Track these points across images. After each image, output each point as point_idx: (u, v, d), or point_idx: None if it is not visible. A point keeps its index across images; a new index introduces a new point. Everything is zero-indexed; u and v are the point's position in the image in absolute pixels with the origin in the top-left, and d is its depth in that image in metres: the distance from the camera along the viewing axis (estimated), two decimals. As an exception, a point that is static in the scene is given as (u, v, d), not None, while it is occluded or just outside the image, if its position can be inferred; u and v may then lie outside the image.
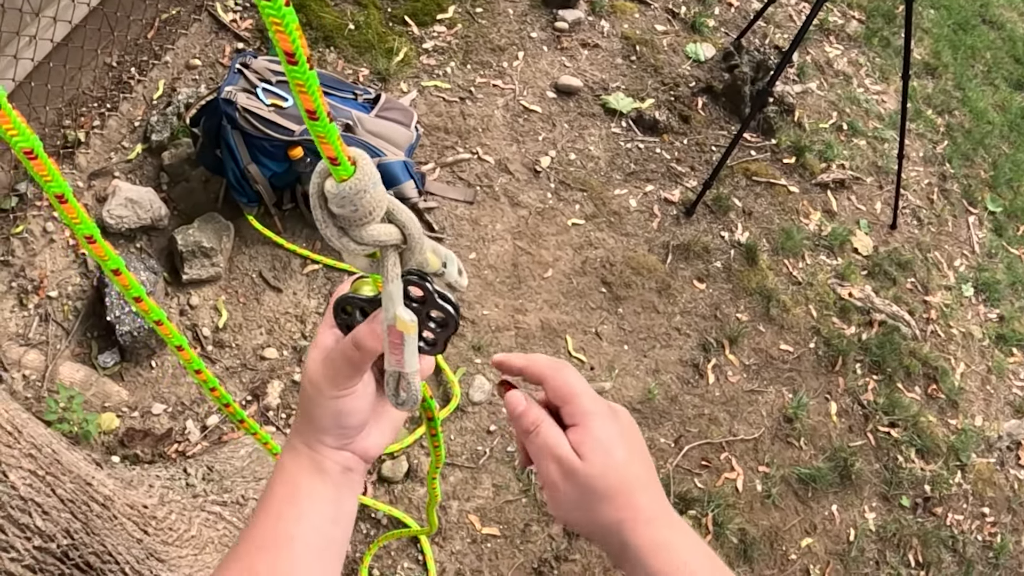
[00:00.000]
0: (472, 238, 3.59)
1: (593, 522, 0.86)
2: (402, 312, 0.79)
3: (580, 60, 4.44)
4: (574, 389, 0.89)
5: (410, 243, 0.78)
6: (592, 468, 0.85)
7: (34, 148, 0.66)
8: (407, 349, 0.82)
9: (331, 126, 0.65)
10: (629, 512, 0.84)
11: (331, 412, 0.87)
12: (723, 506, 3.21)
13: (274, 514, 0.87)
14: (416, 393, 0.86)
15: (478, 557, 2.88)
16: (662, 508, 0.87)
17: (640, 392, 3.40)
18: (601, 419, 0.87)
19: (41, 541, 1.39)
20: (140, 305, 0.90)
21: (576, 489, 0.86)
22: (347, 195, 0.69)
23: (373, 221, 0.73)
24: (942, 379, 3.93)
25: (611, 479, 0.85)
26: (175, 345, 0.97)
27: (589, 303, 3.58)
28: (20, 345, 2.84)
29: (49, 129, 3.26)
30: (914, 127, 5.00)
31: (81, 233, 0.77)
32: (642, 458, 0.89)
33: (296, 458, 0.89)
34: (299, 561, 0.84)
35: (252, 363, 3.06)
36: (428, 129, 3.84)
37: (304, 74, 0.60)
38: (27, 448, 1.42)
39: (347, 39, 3.99)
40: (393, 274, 0.79)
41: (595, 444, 0.86)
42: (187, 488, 2.41)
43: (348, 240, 0.75)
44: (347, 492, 0.91)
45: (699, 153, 4.28)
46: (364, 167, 0.69)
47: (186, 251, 3.08)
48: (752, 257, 3.94)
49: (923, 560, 3.42)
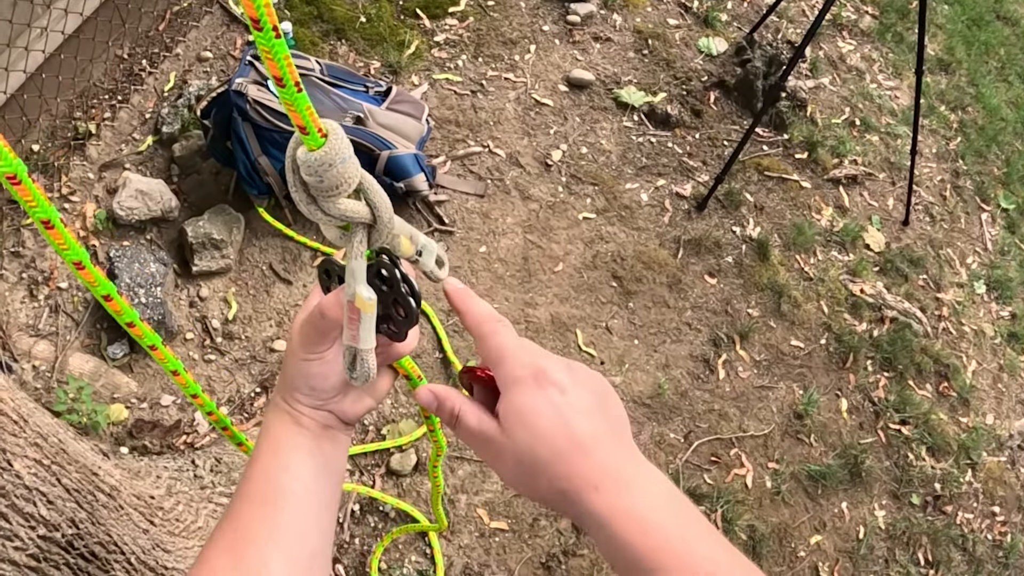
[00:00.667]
0: (483, 231, 3.58)
1: (536, 493, 0.80)
2: (362, 290, 0.80)
3: (592, 54, 4.42)
4: (499, 353, 0.82)
5: (378, 224, 0.79)
6: (515, 444, 0.78)
7: (17, 173, 0.66)
8: (363, 326, 0.82)
9: (300, 95, 0.65)
10: (566, 483, 0.76)
11: (301, 373, 0.88)
12: (732, 502, 3.20)
13: (260, 467, 0.87)
14: (369, 370, 0.85)
15: (486, 551, 2.87)
16: (615, 470, 0.76)
17: (650, 387, 3.39)
18: (523, 387, 0.79)
19: (46, 530, 1.39)
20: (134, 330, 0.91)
21: (507, 466, 0.80)
22: (313, 165, 0.70)
23: (341, 195, 0.74)
24: (953, 377, 3.91)
25: (538, 451, 0.77)
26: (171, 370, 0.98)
27: (600, 297, 3.57)
28: (30, 336, 2.84)
29: (60, 121, 3.26)
30: (927, 123, 4.98)
31: (70, 260, 0.76)
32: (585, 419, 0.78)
33: (277, 414, 0.90)
34: (288, 512, 0.84)
35: (262, 355, 3.06)
36: (439, 122, 3.83)
37: (269, 40, 0.60)
38: (33, 437, 1.42)
39: (359, 32, 3.98)
40: (358, 251, 0.79)
41: (516, 416, 0.79)
42: (195, 479, 2.41)
43: (316, 209, 0.76)
44: (329, 446, 0.90)
45: (711, 148, 4.26)
46: (335, 141, 0.70)
47: (196, 243, 3.08)
48: (763, 252, 3.93)
49: (932, 559, 3.41)
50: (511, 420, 0.79)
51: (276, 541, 0.81)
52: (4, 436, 1.33)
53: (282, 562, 0.81)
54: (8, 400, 1.38)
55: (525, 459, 0.78)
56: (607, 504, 0.74)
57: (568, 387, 0.80)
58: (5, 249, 2.96)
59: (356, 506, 2.83)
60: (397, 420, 3.01)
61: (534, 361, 0.81)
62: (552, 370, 0.81)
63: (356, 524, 2.80)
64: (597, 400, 0.81)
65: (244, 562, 0.80)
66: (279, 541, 0.82)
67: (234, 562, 0.80)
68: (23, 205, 0.69)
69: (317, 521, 0.87)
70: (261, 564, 0.80)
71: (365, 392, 0.94)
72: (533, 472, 0.78)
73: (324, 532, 0.88)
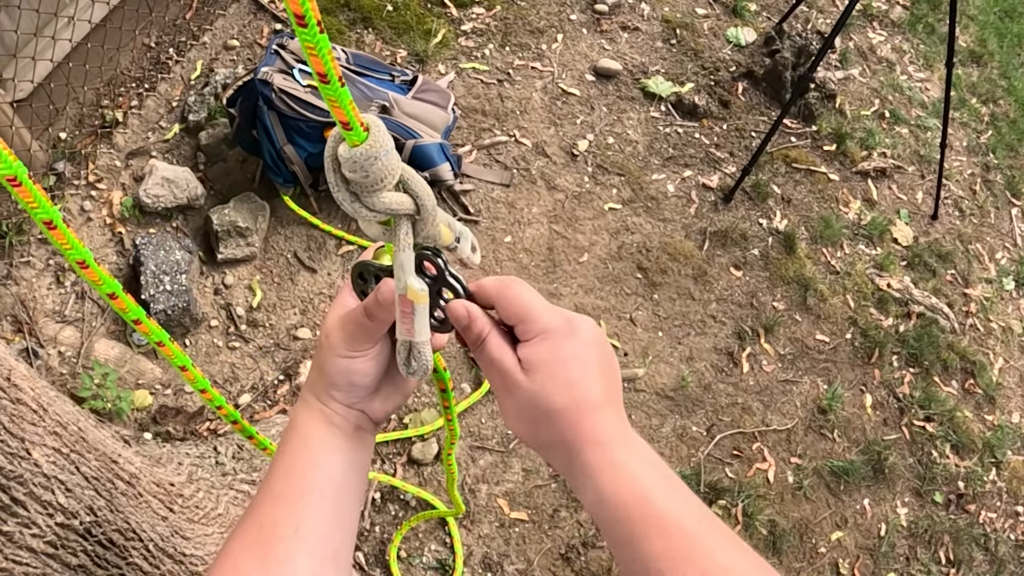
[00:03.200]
0: (508, 221, 3.57)
1: (536, 438, 0.83)
2: (413, 281, 0.80)
3: (620, 43, 4.39)
4: (526, 306, 0.84)
5: (423, 214, 0.79)
6: (534, 386, 0.81)
7: (18, 176, 0.66)
8: (417, 319, 0.83)
9: (343, 90, 0.65)
10: (573, 434, 0.80)
11: (342, 369, 0.88)
12: (753, 497, 3.19)
13: (287, 464, 0.88)
14: (427, 363, 0.86)
15: (505, 541, 2.88)
16: (617, 431, 0.81)
17: (674, 379, 3.38)
18: (553, 337, 0.82)
19: (64, 518, 1.40)
20: (141, 327, 0.91)
21: (518, 404, 0.82)
22: (358, 160, 0.70)
23: (385, 188, 0.74)
24: (980, 374, 3.88)
25: (555, 399, 0.80)
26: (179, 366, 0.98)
27: (624, 288, 3.56)
28: (56, 322, 2.87)
29: (88, 109, 3.28)
30: (958, 116, 4.92)
31: (73, 259, 0.76)
32: (600, 379, 0.82)
33: (308, 411, 0.90)
34: (315, 510, 0.84)
35: (285, 343, 3.07)
36: (465, 111, 3.82)
37: (314, 36, 0.60)
38: (52, 426, 1.43)
39: (385, 20, 3.97)
40: (405, 243, 0.80)
41: (541, 363, 0.81)
42: (216, 466, 2.42)
43: (360, 206, 0.76)
44: (359, 446, 0.91)
45: (738, 139, 4.23)
46: (377, 134, 0.70)
47: (221, 231, 3.10)
48: (790, 245, 3.90)
49: (954, 558, 3.39)
50: (536, 363, 0.81)
51: (302, 539, 0.82)
52: (23, 425, 1.34)
53: (307, 560, 0.81)
54: (28, 389, 1.39)
55: (540, 402, 0.81)
56: (603, 459, 0.78)
57: (591, 344, 0.83)
58: (32, 236, 2.99)
59: (377, 494, 2.84)
60: (419, 409, 3.02)
61: (562, 313, 0.84)
62: (581, 324, 0.84)
63: (377, 512, 2.82)
64: (610, 363, 0.85)
65: (269, 558, 0.80)
66: (305, 539, 0.82)
67: (259, 558, 0.80)
68: (25, 207, 0.70)
69: (342, 520, 0.87)
70: (287, 560, 0.80)
71: (395, 391, 0.95)
72: (543, 417, 0.81)
73: (348, 531, 0.88)
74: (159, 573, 1.71)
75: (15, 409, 1.34)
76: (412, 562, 2.76)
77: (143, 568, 1.65)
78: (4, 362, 1.36)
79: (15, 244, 2.94)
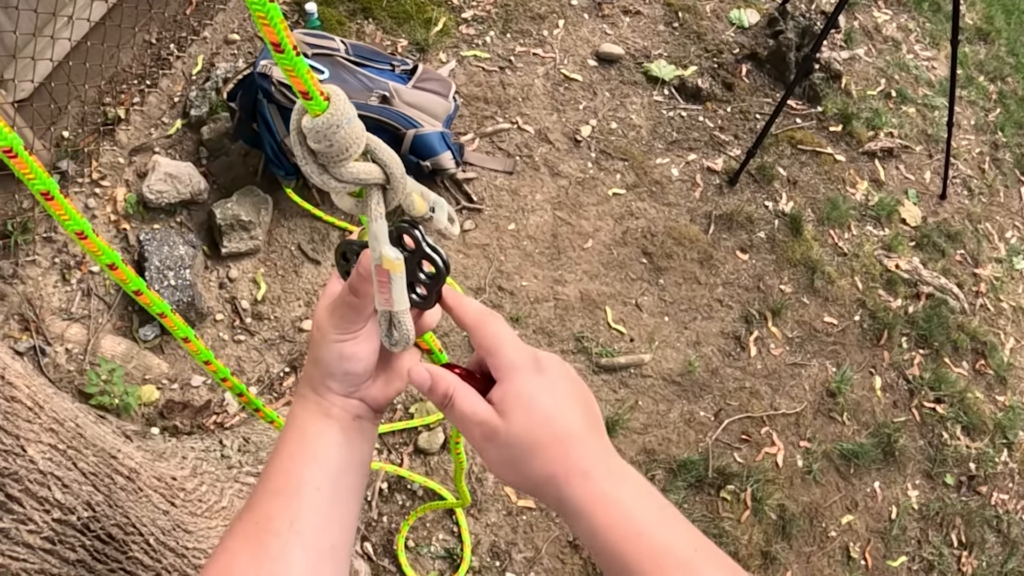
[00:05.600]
0: (512, 208, 3.56)
1: (526, 479, 0.82)
2: (387, 250, 0.80)
3: (621, 27, 4.37)
4: (497, 341, 0.84)
5: (392, 182, 0.79)
6: (513, 426, 0.80)
7: (13, 147, 0.66)
8: (395, 287, 0.82)
9: (298, 59, 0.65)
10: (560, 465, 0.79)
11: (336, 355, 0.87)
12: (762, 481, 3.18)
13: (286, 459, 0.87)
14: (408, 332, 0.86)
15: (513, 529, 2.88)
16: (600, 459, 0.80)
17: (680, 364, 3.37)
18: (523, 372, 0.82)
19: (61, 513, 1.41)
20: (141, 298, 0.91)
21: (502, 450, 0.82)
22: (321, 130, 0.70)
23: (351, 158, 0.74)
24: (990, 354, 3.85)
25: (536, 434, 0.80)
26: (182, 337, 0.97)
27: (630, 274, 3.55)
28: (63, 319, 2.88)
29: (89, 107, 3.29)
30: (965, 94, 4.88)
31: (72, 230, 0.76)
32: (577, 409, 0.83)
33: (305, 405, 0.90)
34: (311, 504, 0.84)
35: (290, 335, 3.07)
36: (467, 99, 3.81)
37: (264, 5, 0.60)
38: (48, 423, 1.43)
39: (385, 10, 3.96)
40: (377, 213, 0.79)
41: (516, 400, 0.81)
42: (222, 459, 2.43)
43: (329, 177, 0.76)
44: (357, 438, 0.91)
45: (743, 121, 4.21)
46: (337, 102, 0.70)
47: (225, 225, 3.10)
48: (797, 227, 3.88)
49: (966, 540, 3.37)
50: (510, 403, 0.81)
51: (297, 533, 0.81)
52: (18, 422, 1.35)
53: (302, 554, 0.81)
54: (23, 387, 1.39)
55: (522, 441, 0.80)
56: (592, 491, 0.78)
57: (562, 377, 0.84)
58: (37, 235, 2.99)
59: (384, 484, 2.85)
60: (425, 399, 3.02)
61: (530, 350, 0.85)
62: (548, 360, 0.85)
63: (384, 502, 2.82)
64: (584, 394, 0.85)
65: (264, 552, 0.80)
66: (300, 533, 0.82)
67: (254, 552, 0.80)
68: (21, 178, 0.70)
69: (340, 514, 0.86)
70: (281, 555, 0.80)
71: (393, 376, 0.94)
72: (527, 455, 0.80)
73: (346, 525, 0.88)
74: (160, 567, 1.71)
75: (9, 407, 1.35)
76: (420, 552, 2.77)
77: (144, 562, 1.65)
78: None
79: (20, 243, 2.95)
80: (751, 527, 3.08)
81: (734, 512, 3.11)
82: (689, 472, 3.11)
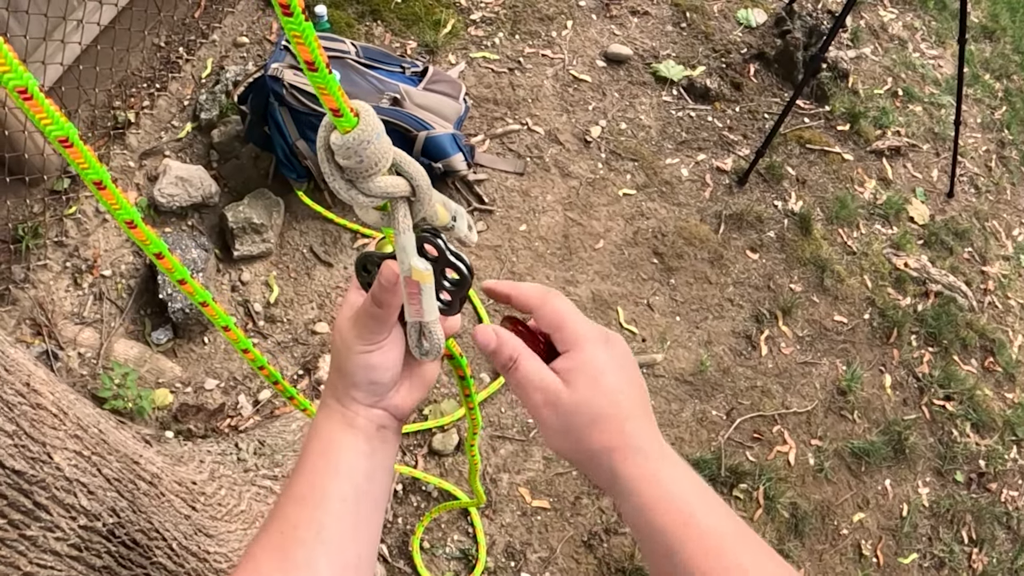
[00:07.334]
0: (522, 209, 3.57)
1: (581, 450, 0.83)
2: (416, 262, 0.80)
3: (630, 28, 4.38)
4: (564, 315, 0.86)
5: (419, 195, 0.79)
6: (578, 394, 0.82)
7: (69, 136, 0.67)
8: (425, 298, 0.83)
9: (330, 77, 0.65)
10: (619, 439, 0.81)
11: (361, 366, 0.87)
12: (774, 480, 3.19)
13: (309, 469, 0.87)
14: (439, 341, 0.87)
15: (528, 530, 2.89)
16: (656, 442, 0.83)
17: (692, 364, 3.38)
18: (592, 344, 0.84)
19: (87, 520, 1.41)
20: (185, 287, 0.92)
21: (563, 417, 0.83)
22: (351, 146, 0.71)
23: (379, 172, 0.74)
24: (999, 352, 3.86)
25: (600, 404, 0.82)
26: (222, 326, 0.98)
27: (641, 274, 3.56)
28: (75, 324, 2.89)
29: (99, 111, 3.30)
30: (972, 92, 4.89)
31: (122, 219, 0.77)
32: (635, 389, 0.85)
33: (329, 415, 0.90)
34: (337, 514, 0.84)
35: (303, 338, 3.08)
36: (477, 101, 3.82)
37: (300, 25, 0.61)
38: (73, 429, 1.43)
39: (394, 12, 3.97)
40: (404, 225, 0.80)
41: (583, 369, 0.83)
42: (238, 463, 2.44)
43: (356, 192, 0.76)
44: (381, 448, 0.91)
45: (751, 121, 4.22)
46: (367, 118, 0.71)
47: (237, 228, 3.11)
48: (806, 226, 3.89)
49: (976, 537, 3.38)
50: (576, 372, 0.83)
51: (324, 543, 0.82)
52: (44, 429, 1.35)
53: (328, 565, 0.81)
54: (47, 394, 1.40)
55: (584, 411, 0.82)
56: (645, 470, 0.80)
57: (627, 357, 0.87)
58: (48, 239, 3.00)
59: (399, 486, 2.86)
60: (439, 400, 3.03)
61: (598, 326, 0.87)
62: (616, 339, 0.87)
63: (399, 504, 2.83)
64: (641, 379, 0.88)
65: (290, 563, 0.80)
66: (326, 543, 0.82)
67: (280, 562, 0.80)
68: (75, 168, 0.70)
69: (366, 524, 0.87)
70: (307, 565, 0.80)
71: (417, 383, 0.94)
72: (588, 425, 0.82)
73: (372, 535, 0.88)
74: (183, 571, 1.72)
75: (35, 414, 1.35)
76: (435, 553, 2.77)
77: (167, 567, 1.66)
78: (23, 368, 1.37)
79: (32, 247, 2.96)
80: (764, 525, 3.09)
81: (747, 511, 3.11)
82: (702, 471, 3.12)
